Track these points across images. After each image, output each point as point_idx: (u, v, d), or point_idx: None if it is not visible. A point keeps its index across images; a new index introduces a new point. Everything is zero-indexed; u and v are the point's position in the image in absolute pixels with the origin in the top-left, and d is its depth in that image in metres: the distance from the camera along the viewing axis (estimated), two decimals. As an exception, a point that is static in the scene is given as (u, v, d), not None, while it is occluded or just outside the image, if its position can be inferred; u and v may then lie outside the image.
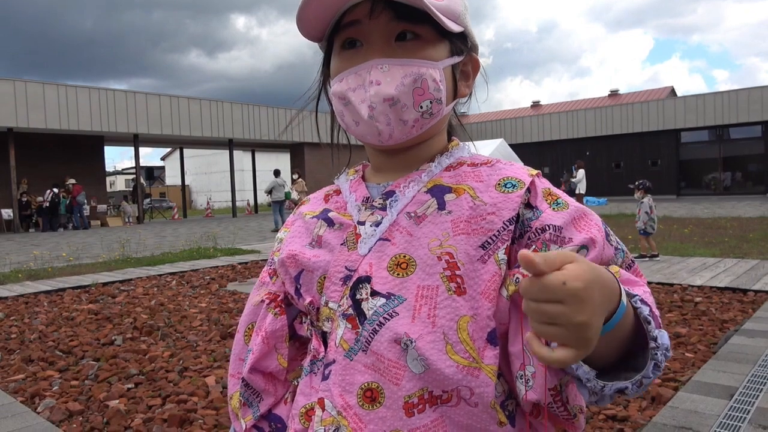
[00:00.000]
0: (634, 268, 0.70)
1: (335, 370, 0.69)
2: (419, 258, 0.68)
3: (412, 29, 0.69)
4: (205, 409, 2.78)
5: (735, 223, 11.66)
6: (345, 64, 0.72)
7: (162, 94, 22.45)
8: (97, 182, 23.01)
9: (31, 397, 3.03)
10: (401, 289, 0.67)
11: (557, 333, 0.48)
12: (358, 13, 0.70)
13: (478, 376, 0.63)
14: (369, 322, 0.67)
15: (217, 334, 4.17)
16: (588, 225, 0.68)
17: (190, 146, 29.89)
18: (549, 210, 0.68)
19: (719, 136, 26.60)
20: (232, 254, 9.31)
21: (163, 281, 6.82)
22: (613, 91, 40.91)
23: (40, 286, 6.65)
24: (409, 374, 0.65)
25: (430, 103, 0.70)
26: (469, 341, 0.64)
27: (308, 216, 0.82)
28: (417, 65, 0.69)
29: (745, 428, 2.33)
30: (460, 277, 0.66)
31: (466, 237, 0.68)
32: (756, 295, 4.95)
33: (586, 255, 0.64)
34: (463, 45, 0.75)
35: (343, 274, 0.71)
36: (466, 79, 0.78)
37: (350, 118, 0.73)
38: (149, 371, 3.38)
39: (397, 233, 0.71)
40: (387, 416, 0.65)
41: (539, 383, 0.62)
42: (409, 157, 0.77)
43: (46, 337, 4.28)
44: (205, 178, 52.63)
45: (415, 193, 0.73)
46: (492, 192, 0.71)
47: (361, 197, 0.77)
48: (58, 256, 10.05)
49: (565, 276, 0.47)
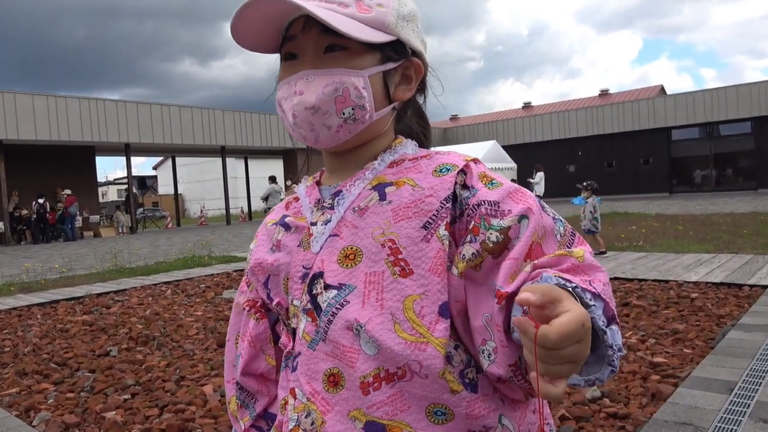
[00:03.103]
0: (577, 237, 0.74)
1: (301, 360, 0.75)
2: (365, 247, 0.74)
3: (339, 42, 0.74)
4: (203, 417, 2.75)
5: (728, 219, 11.73)
6: (283, 74, 0.80)
7: (153, 102, 22.40)
8: (89, 193, 22.89)
9: (26, 411, 2.99)
10: (351, 278, 0.73)
11: (570, 369, 0.52)
12: (295, 29, 0.76)
13: (425, 350, 0.67)
14: (324, 314, 0.73)
15: (214, 342, 4.14)
16: (523, 196, 0.71)
17: (182, 154, 29.80)
18: (484, 189, 0.72)
19: (710, 133, 26.79)
20: (227, 262, 9.26)
21: (157, 291, 6.78)
22: (604, 90, 41.14)
23: (33, 298, 6.59)
24: (364, 356, 0.70)
25: (353, 110, 0.75)
26: (415, 318, 0.69)
27: (270, 224, 0.88)
28: (339, 75, 0.74)
29: (746, 422, 2.32)
30: (403, 260, 0.71)
31: (406, 221, 0.72)
32: (751, 289, 4.96)
33: (527, 224, 0.68)
34: (397, 52, 0.78)
35: (302, 273, 0.78)
36: (407, 83, 0.82)
37: (286, 123, 0.80)
38: (146, 381, 3.35)
39: (344, 228, 0.77)
40: (348, 397, 0.70)
41: (501, 359, 0.65)
42: (355, 158, 0.82)
43: (40, 350, 4.23)
44: (198, 186, 52.48)
45: (360, 190, 0.79)
46: (429, 178, 0.75)
47: (314, 200, 0.84)
48: (51, 267, 9.97)
49: (583, 317, 0.51)
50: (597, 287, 0.61)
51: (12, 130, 18.29)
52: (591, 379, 0.59)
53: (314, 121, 0.76)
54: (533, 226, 0.68)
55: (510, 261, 0.66)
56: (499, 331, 0.64)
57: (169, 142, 22.78)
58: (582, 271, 0.64)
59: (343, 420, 0.70)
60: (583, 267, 0.65)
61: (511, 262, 0.65)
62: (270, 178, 16.05)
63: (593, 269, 0.65)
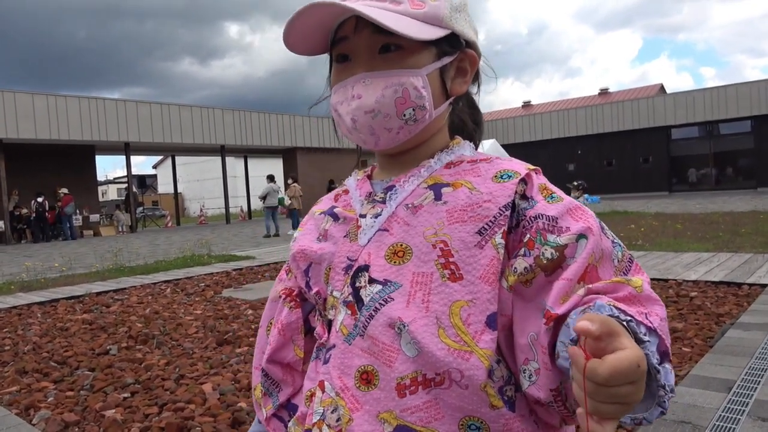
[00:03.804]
0: (635, 264, 0.71)
1: (334, 354, 0.73)
2: (415, 246, 0.71)
3: (394, 41, 0.72)
4: (202, 416, 2.75)
5: (727, 218, 11.72)
6: (337, 78, 0.77)
7: (153, 101, 22.40)
8: (89, 192, 22.89)
9: (25, 409, 2.99)
10: (397, 276, 0.70)
11: (621, 411, 0.48)
12: (346, 30, 0.74)
13: (469, 359, 0.65)
14: (366, 308, 0.71)
15: (213, 341, 4.14)
16: (584, 215, 0.69)
17: (181, 153, 29.80)
18: (543, 201, 0.70)
19: (709, 132, 26.78)
20: (227, 261, 9.26)
21: (157, 289, 6.78)
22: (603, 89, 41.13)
23: (33, 297, 6.59)
24: (403, 357, 0.67)
25: (413, 111, 0.73)
26: (461, 326, 0.66)
27: (317, 213, 0.87)
28: (397, 76, 0.72)
29: (744, 420, 2.33)
30: (454, 264, 0.68)
31: (461, 225, 0.70)
32: (750, 288, 4.96)
33: (585, 245, 0.65)
34: (452, 45, 0.76)
35: (345, 264, 0.75)
36: (462, 76, 0.79)
37: (343, 127, 0.78)
38: (145, 380, 3.35)
39: (395, 224, 0.75)
40: (381, 397, 0.68)
41: (542, 382, 0.63)
42: (410, 158, 0.80)
43: (40, 349, 4.23)
44: (197, 185, 52.47)
45: (414, 187, 0.76)
46: (489, 183, 0.72)
47: (365, 193, 0.82)
48: (51, 266, 9.97)
49: (637, 358, 0.47)
50: (653, 321, 0.58)
51: (12, 129, 18.28)
52: (638, 418, 0.55)
53: (374, 125, 0.73)
54: (591, 247, 0.65)
55: (563, 281, 0.63)
56: (544, 353, 0.62)
57: (168, 141, 22.78)
58: (638, 302, 0.61)
59: (371, 420, 0.67)
60: (640, 298, 0.61)
61: (564, 283, 0.63)
62: (268, 177, 16.01)
63: (651, 301, 0.62)
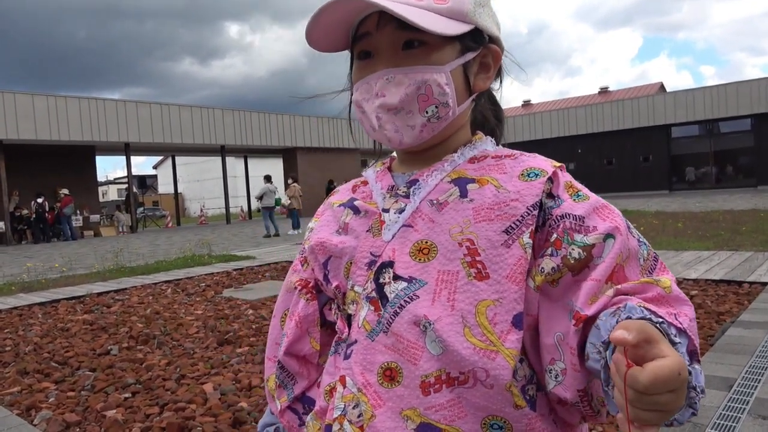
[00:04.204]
0: (660, 263, 0.70)
1: (357, 349, 0.72)
2: (440, 244, 0.70)
3: (417, 37, 0.71)
4: (203, 416, 2.76)
5: (728, 216, 11.72)
6: (359, 74, 0.76)
7: (153, 102, 22.39)
8: (89, 192, 22.89)
9: (27, 410, 3.00)
10: (422, 273, 0.70)
11: (661, 418, 0.48)
12: (368, 25, 0.73)
13: (495, 359, 0.64)
14: (391, 305, 0.70)
15: (214, 340, 4.14)
16: (611, 214, 0.68)
17: (182, 154, 29.80)
18: (570, 200, 0.69)
19: (709, 130, 26.77)
20: (227, 260, 9.26)
21: (158, 289, 6.78)
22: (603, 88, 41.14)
23: (34, 297, 6.59)
24: (427, 355, 0.67)
25: (436, 108, 0.72)
26: (487, 325, 0.65)
27: (336, 205, 0.85)
28: (421, 72, 0.71)
29: (744, 419, 2.33)
30: (480, 262, 0.67)
31: (488, 223, 0.69)
32: (751, 286, 4.97)
33: (612, 244, 0.65)
34: (475, 40, 0.75)
35: (368, 259, 0.75)
36: (485, 72, 0.78)
37: (367, 125, 0.77)
38: (146, 380, 3.36)
39: (419, 220, 0.74)
40: (404, 394, 0.67)
41: (569, 381, 0.63)
42: (432, 154, 0.79)
43: (41, 349, 4.24)
44: (197, 185, 52.49)
45: (437, 181, 0.75)
46: (515, 181, 0.71)
47: (387, 186, 0.80)
48: (52, 267, 9.98)
49: (678, 366, 0.47)
50: (683, 322, 0.58)
51: (12, 129, 18.28)
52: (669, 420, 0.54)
53: (398, 122, 0.73)
54: (619, 247, 0.65)
55: (592, 282, 0.63)
56: (573, 354, 0.62)
57: (168, 141, 22.78)
58: (667, 303, 0.61)
59: (394, 417, 0.67)
60: (669, 299, 0.61)
61: (593, 284, 0.63)
62: (265, 177, 15.99)
63: (679, 302, 0.61)
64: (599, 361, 0.57)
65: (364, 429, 0.69)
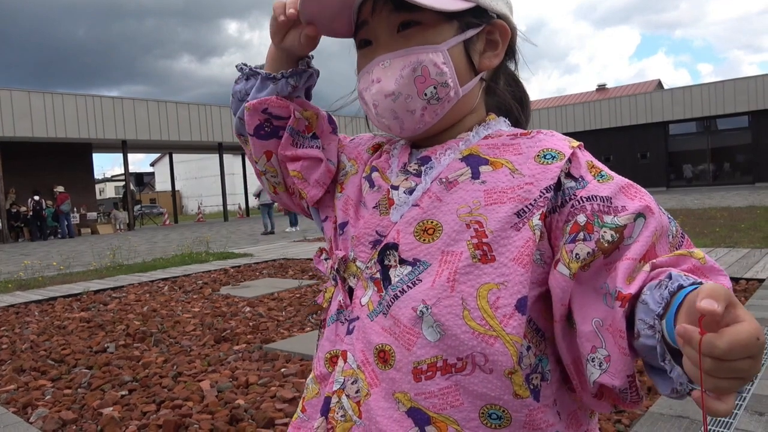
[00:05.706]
0: (686, 239, 0.69)
1: (358, 326, 0.72)
2: (446, 224, 0.68)
3: (413, 17, 0.70)
4: (200, 413, 2.75)
5: (725, 213, 11.75)
6: (360, 64, 0.76)
7: (150, 99, 22.33)
8: (87, 190, 22.85)
9: (23, 407, 2.99)
10: (426, 254, 0.68)
11: (738, 385, 0.46)
12: (365, 13, 0.72)
13: (494, 344, 0.63)
14: (392, 288, 0.69)
15: (211, 338, 4.14)
16: (638, 192, 0.66)
17: (179, 151, 29.75)
18: (594, 181, 0.67)
19: (707, 127, 26.81)
20: (225, 258, 9.26)
21: (155, 287, 6.77)
22: (601, 85, 41.17)
23: (31, 295, 6.57)
24: (423, 341, 0.66)
25: (434, 89, 0.70)
26: (488, 309, 0.64)
27: (368, 151, 0.85)
28: (415, 53, 0.70)
29: (741, 415, 2.33)
30: (487, 245, 0.66)
31: (499, 206, 0.67)
32: (748, 283, 4.98)
33: (643, 223, 0.63)
34: (477, 16, 0.72)
35: (373, 238, 0.73)
36: (493, 49, 0.75)
37: (370, 115, 0.77)
38: (143, 377, 3.35)
39: (425, 197, 0.71)
40: (396, 378, 0.67)
41: (616, 368, 0.60)
42: (443, 139, 0.76)
43: (37, 347, 4.23)
44: (195, 183, 52.43)
45: (450, 160, 0.73)
46: (531, 164, 0.69)
47: (402, 163, 0.78)
48: (49, 265, 9.95)
49: (756, 331, 0.45)
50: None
51: (9, 127, 18.22)
52: None
53: (396, 108, 0.71)
54: (654, 225, 0.63)
55: (628, 261, 0.61)
56: (622, 338, 0.59)
57: (166, 138, 22.73)
58: (703, 274, 0.59)
59: (387, 398, 0.67)
60: (705, 269, 0.59)
61: (628, 263, 0.61)
62: None
63: (715, 272, 0.59)
64: (652, 336, 0.55)
65: (361, 405, 0.69)
